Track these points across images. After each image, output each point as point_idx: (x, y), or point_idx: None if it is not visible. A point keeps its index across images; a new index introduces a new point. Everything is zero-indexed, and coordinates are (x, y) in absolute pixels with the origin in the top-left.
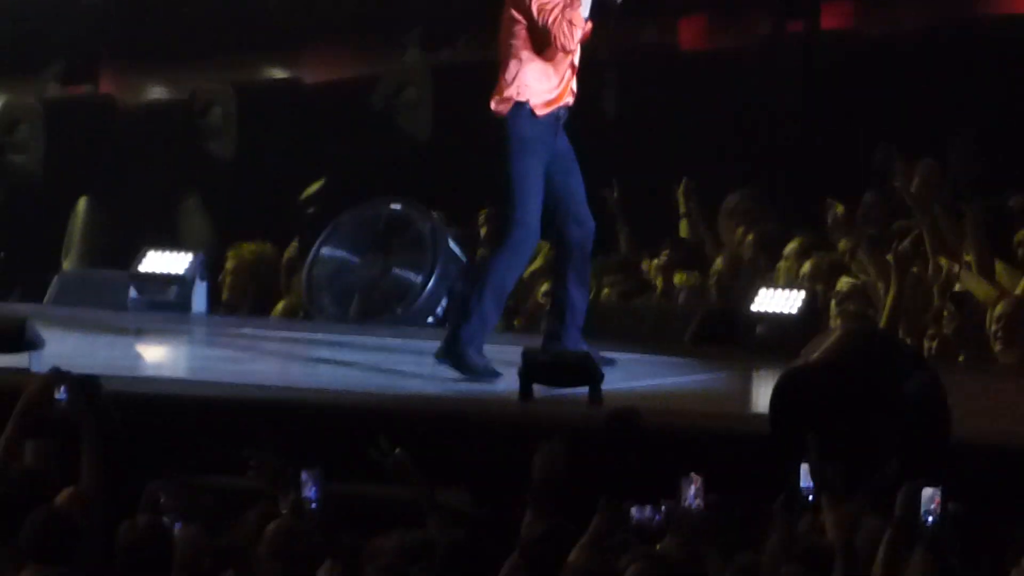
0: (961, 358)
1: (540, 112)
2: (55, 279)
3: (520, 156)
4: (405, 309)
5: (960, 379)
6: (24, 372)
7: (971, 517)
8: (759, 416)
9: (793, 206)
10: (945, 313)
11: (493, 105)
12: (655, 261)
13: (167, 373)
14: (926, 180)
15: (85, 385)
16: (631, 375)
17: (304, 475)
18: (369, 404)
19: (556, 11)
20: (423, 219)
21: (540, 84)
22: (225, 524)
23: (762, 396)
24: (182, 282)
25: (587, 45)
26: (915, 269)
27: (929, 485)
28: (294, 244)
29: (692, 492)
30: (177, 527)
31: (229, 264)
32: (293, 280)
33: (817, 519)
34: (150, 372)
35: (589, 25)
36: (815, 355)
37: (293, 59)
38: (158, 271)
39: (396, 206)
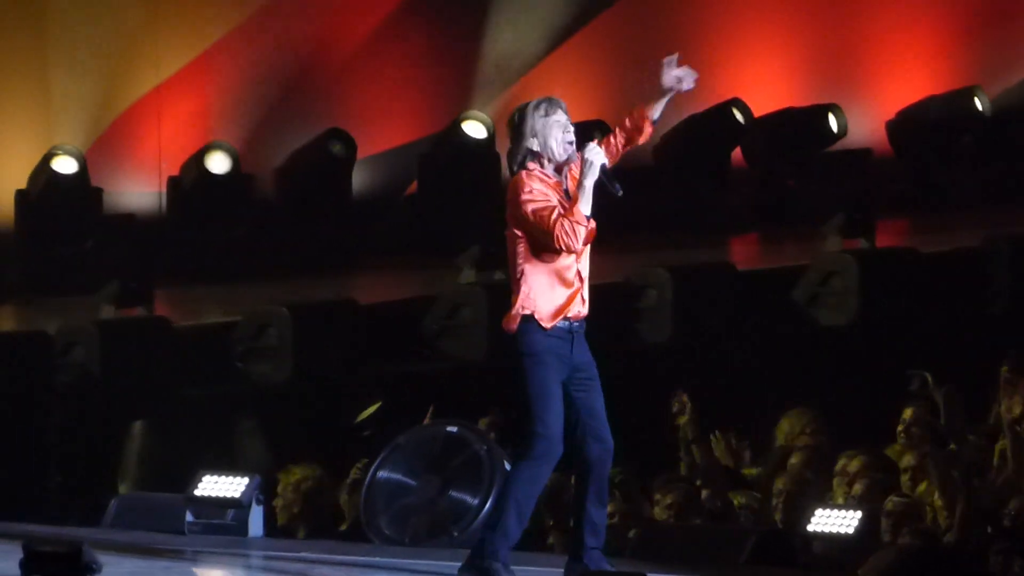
0: None
1: (548, 324)
2: (112, 503)
3: (534, 370)
4: (462, 532)
5: None
6: None
7: None
8: None
9: (847, 423)
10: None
11: (504, 324)
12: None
13: None
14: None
15: None
16: None
17: None
18: None
19: (555, 214)
20: (479, 441)
21: (547, 296)
22: None
23: None
24: (238, 506)
25: None
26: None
27: None
28: (357, 466)
29: None
30: None
31: (280, 488)
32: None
33: None
34: None
35: (593, 223)
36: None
37: (346, 280)
38: (214, 495)
39: (452, 428)
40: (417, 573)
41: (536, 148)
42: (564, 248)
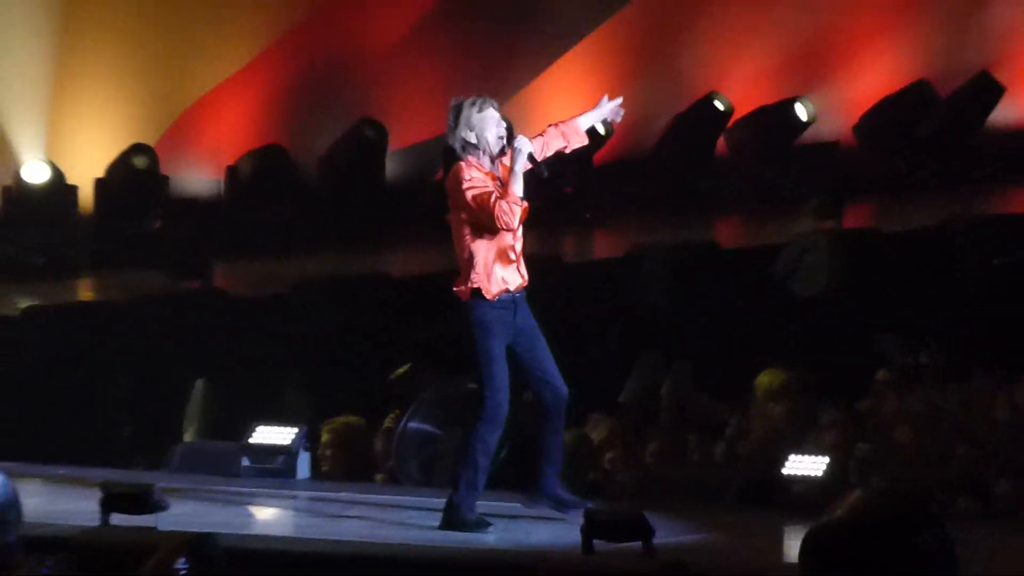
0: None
1: (492, 296)
2: (177, 449)
3: (482, 340)
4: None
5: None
6: (151, 531)
7: None
8: (791, 566)
9: (821, 385)
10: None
11: (455, 289)
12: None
13: (274, 531)
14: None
15: (203, 542)
16: (680, 531)
17: None
18: (451, 557)
19: (492, 197)
20: None
21: (492, 270)
22: None
23: (793, 549)
24: (287, 452)
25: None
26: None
27: None
28: (390, 416)
29: None
30: None
31: (324, 437)
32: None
33: None
34: (259, 530)
35: (526, 204)
36: (837, 513)
37: (380, 256)
38: (266, 442)
39: (473, 385)
40: (441, 510)
41: (472, 140)
42: (504, 227)
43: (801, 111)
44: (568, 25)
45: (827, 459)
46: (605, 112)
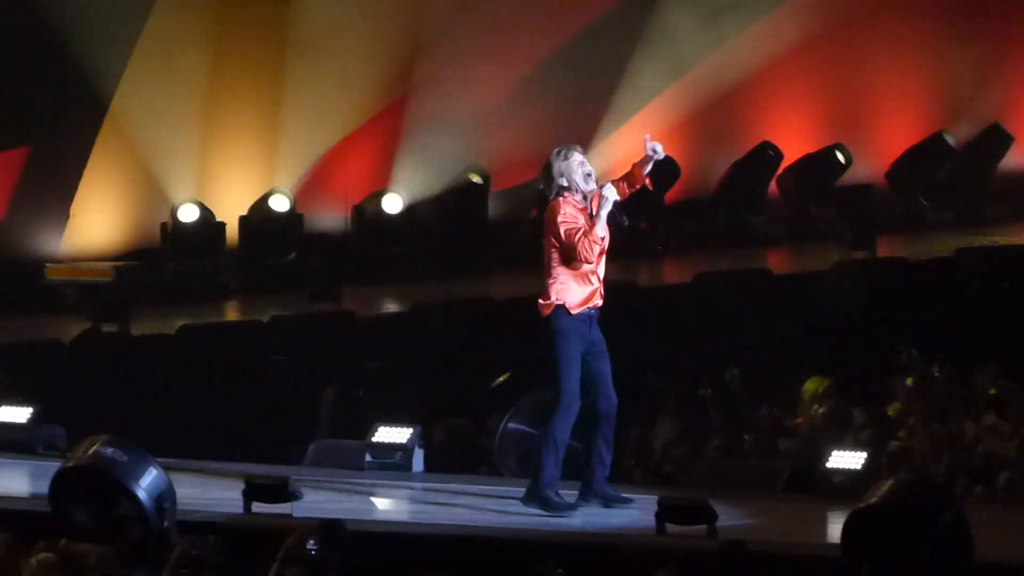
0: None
1: (574, 311)
2: (311, 447)
3: (562, 345)
4: (569, 469)
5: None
6: (287, 517)
7: None
8: (834, 545)
9: (857, 390)
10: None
11: (540, 307)
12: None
13: (394, 517)
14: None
15: (334, 526)
16: (739, 516)
17: None
18: (542, 537)
19: (579, 233)
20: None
21: (573, 290)
22: None
23: (835, 529)
24: (405, 449)
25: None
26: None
27: None
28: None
29: None
30: None
31: (438, 435)
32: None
33: None
34: (381, 516)
35: (606, 241)
36: (873, 499)
37: (483, 282)
38: (387, 441)
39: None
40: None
41: (565, 184)
42: (583, 259)
43: (840, 156)
44: (644, 87)
45: (864, 454)
46: (650, 156)
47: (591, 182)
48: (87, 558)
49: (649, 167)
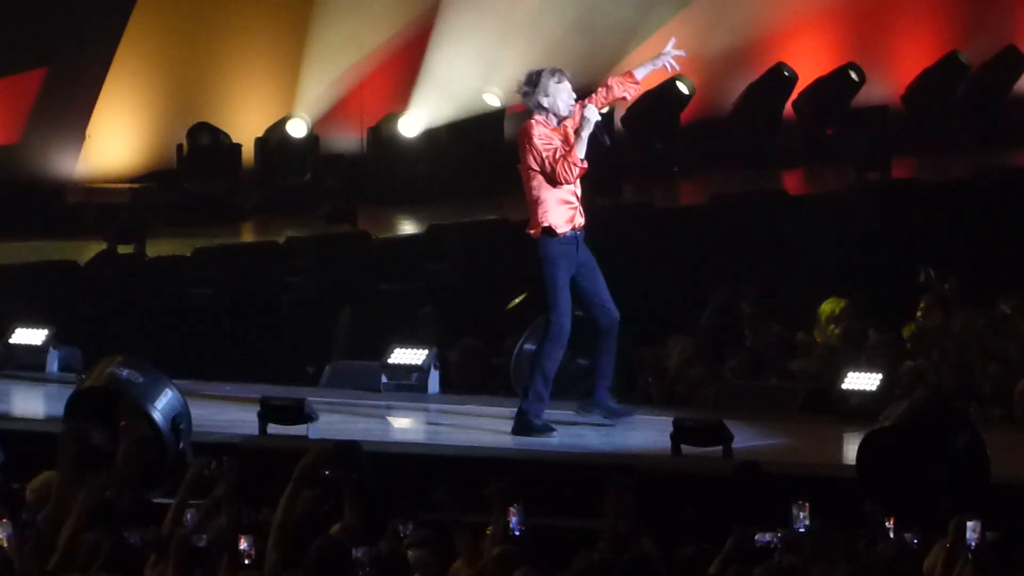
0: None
1: (560, 233)
2: (326, 368)
3: (550, 271)
4: (587, 389)
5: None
6: (303, 439)
7: (1005, 543)
8: (850, 466)
9: (874, 310)
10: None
11: (528, 231)
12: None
13: (410, 438)
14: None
15: (349, 448)
16: (754, 437)
17: (512, 509)
18: (556, 459)
19: (557, 154)
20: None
21: (556, 213)
22: (448, 550)
23: (851, 450)
24: (421, 371)
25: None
26: None
27: (972, 518)
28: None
29: (802, 516)
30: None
31: (454, 356)
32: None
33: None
34: (397, 437)
35: (585, 163)
36: (888, 420)
37: (500, 203)
38: (403, 362)
39: (579, 312)
40: (551, 419)
41: (546, 105)
42: (563, 181)
43: (853, 75)
44: (658, 9)
45: (879, 375)
46: (660, 62)
47: (569, 109)
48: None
49: (647, 72)
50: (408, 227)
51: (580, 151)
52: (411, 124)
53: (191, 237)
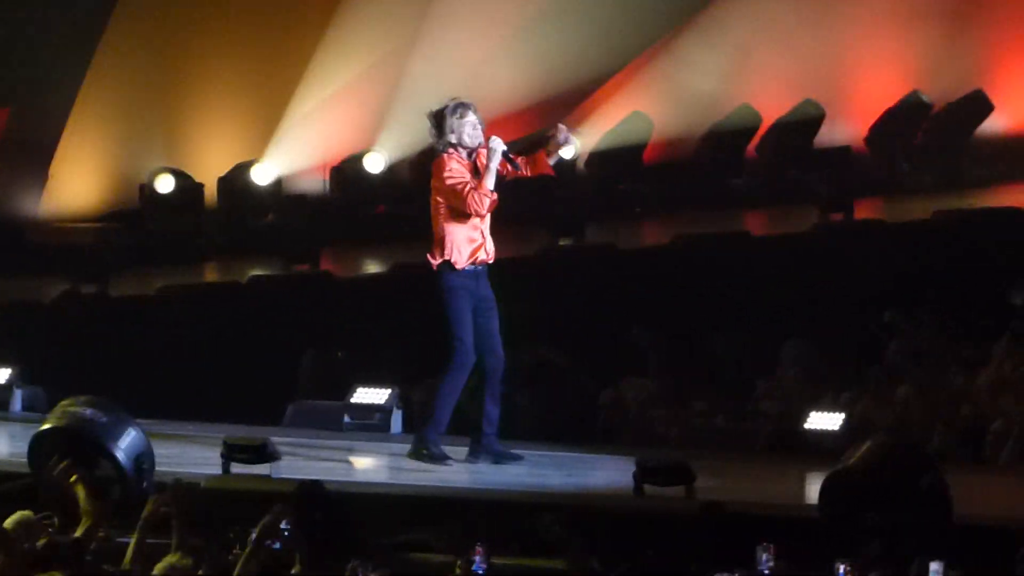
0: None
1: (461, 267)
2: (289, 408)
3: (452, 301)
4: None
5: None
6: (266, 478)
7: None
8: (812, 505)
9: (837, 351)
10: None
11: (430, 262)
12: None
13: (372, 478)
14: None
15: (311, 487)
16: (719, 474)
17: (476, 548)
18: (518, 499)
19: (468, 188)
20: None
21: (459, 246)
22: None
23: (813, 491)
24: (383, 410)
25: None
26: None
27: (935, 559)
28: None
29: (765, 558)
30: None
31: (417, 396)
32: None
33: None
34: (359, 477)
35: (495, 196)
36: (851, 461)
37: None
38: (365, 402)
39: (539, 351)
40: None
41: (453, 140)
42: (474, 213)
43: (811, 108)
44: (622, 46)
45: (842, 415)
46: (559, 143)
47: (477, 139)
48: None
49: (554, 159)
50: (371, 267)
51: (489, 182)
52: (375, 161)
53: (155, 277)
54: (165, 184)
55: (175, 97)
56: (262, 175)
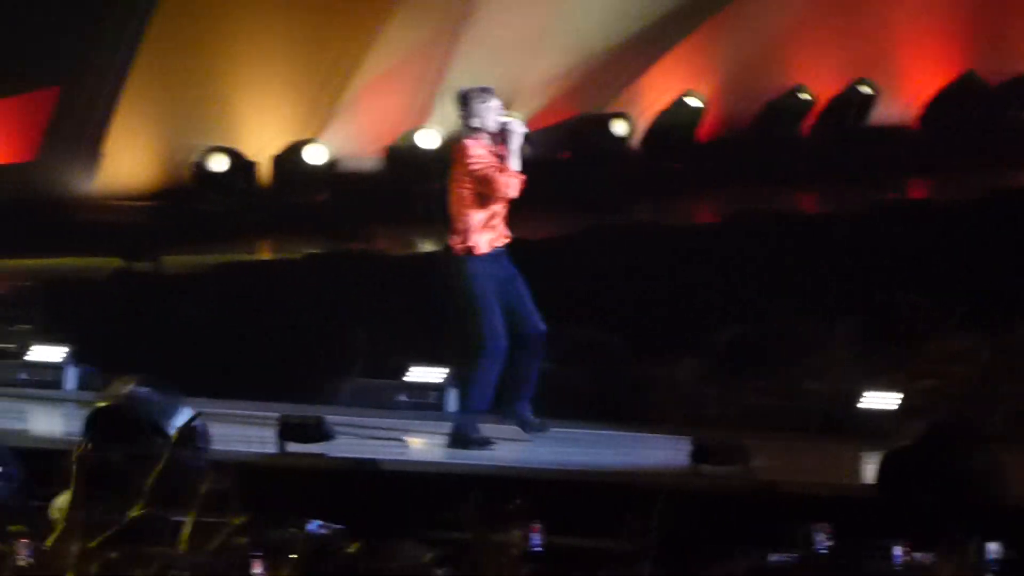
0: None
1: (484, 251)
2: (344, 387)
3: (477, 286)
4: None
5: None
6: (320, 456)
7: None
8: (867, 485)
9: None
10: None
11: (451, 244)
12: None
13: (425, 456)
14: None
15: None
16: (774, 454)
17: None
18: (575, 478)
19: (492, 169)
20: None
21: (481, 233)
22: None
23: (869, 470)
24: (439, 389)
25: None
26: None
27: (991, 540)
28: None
29: (820, 538)
30: None
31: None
32: None
33: None
34: (413, 456)
35: (523, 177)
36: (907, 441)
37: (517, 220)
38: (420, 380)
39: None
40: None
41: (477, 125)
42: (504, 195)
43: (866, 88)
44: (675, 26)
45: (898, 395)
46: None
47: (498, 126)
48: None
49: (514, 153)
50: (423, 245)
51: (516, 164)
52: (429, 137)
53: (207, 254)
54: (218, 162)
55: (228, 75)
56: (316, 155)
